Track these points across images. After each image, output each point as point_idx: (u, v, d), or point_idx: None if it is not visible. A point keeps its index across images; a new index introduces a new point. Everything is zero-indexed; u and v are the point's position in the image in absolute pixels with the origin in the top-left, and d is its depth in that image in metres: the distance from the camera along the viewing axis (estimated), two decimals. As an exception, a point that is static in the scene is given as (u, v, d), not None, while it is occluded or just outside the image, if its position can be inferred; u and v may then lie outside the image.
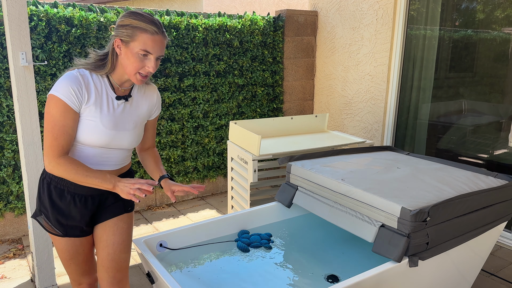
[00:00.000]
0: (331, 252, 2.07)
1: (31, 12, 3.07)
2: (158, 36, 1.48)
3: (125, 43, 1.48)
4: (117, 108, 1.58)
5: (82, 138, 1.53)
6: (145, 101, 1.69)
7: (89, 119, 1.52)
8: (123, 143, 1.61)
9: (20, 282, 2.75)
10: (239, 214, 2.21)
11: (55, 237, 1.67)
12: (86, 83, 1.50)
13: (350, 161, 2.42)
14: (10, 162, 3.20)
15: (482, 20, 3.37)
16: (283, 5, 8.34)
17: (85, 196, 1.61)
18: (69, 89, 1.46)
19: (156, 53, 1.49)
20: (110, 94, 1.56)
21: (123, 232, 1.70)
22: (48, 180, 1.60)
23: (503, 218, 2.14)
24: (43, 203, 1.62)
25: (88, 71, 1.54)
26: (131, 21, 1.47)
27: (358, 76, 4.23)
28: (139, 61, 1.49)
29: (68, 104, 1.46)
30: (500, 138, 3.34)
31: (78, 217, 1.63)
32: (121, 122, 1.58)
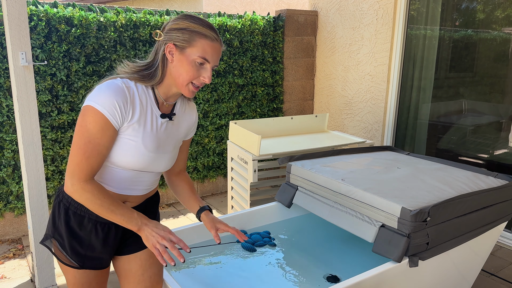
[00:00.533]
0: (331, 252, 2.07)
1: (31, 12, 3.07)
2: (217, 44, 1.32)
3: (180, 49, 1.29)
4: (160, 127, 1.37)
5: (117, 160, 1.32)
6: (184, 120, 1.49)
7: (130, 138, 1.30)
8: (159, 166, 1.41)
9: (20, 282, 2.75)
10: (239, 214, 2.21)
11: (68, 269, 1.43)
12: (132, 97, 1.29)
13: (350, 161, 2.42)
14: (10, 162, 3.20)
15: (482, 20, 3.37)
16: (283, 5, 8.34)
17: (108, 225, 1.40)
18: (113, 102, 1.23)
19: (214, 62, 1.33)
20: (155, 111, 1.36)
21: (159, 263, 1.53)
22: (66, 205, 1.37)
23: (503, 218, 2.14)
24: (57, 230, 1.39)
25: (134, 82, 1.32)
26: (188, 24, 1.29)
27: (358, 76, 4.23)
28: (195, 70, 1.30)
29: (109, 120, 1.23)
30: (500, 138, 3.34)
31: (99, 248, 1.42)
32: (163, 144, 1.38)
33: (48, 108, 3.27)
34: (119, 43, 3.49)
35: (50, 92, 3.27)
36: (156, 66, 1.33)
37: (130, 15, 3.50)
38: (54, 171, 3.41)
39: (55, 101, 3.30)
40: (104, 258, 1.45)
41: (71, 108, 3.39)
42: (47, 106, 3.27)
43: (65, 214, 1.38)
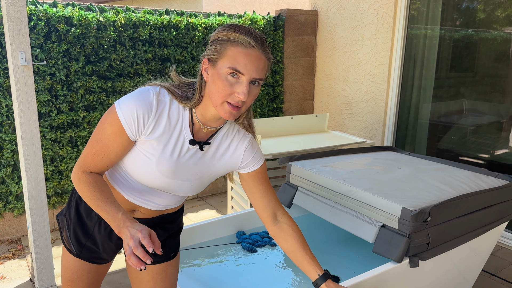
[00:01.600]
0: (331, 252, 2.07)
1: (30, 12, 3.07)
2: (255, 51, 1.09)
3: (213, 63, 1.12)
4: (185, 153, 1.22)
5: (130, 170, 1.23)
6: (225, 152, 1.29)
7: (145, 154, 1.19)
8: (179, 191, 1.28)
9: (20, 283, 2.74)
10: (239, 214, 2.20)
11: (66, 253, 1.40)
12: (159, 111, 1.15)
13: (350, 161, 2.41)
14: (9, 162, 3.19)
15: (483, 19, 3.36)
16: (283, 5, 8.33)
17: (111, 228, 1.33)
18: (133, 111, 1.12)
19: (250, 74, 1.09)
20: (185, 133, 1.20)
21: (172, 278, 1.43)
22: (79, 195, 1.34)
23: (504, 218, 2.13)
24: (70, 210, 1.38)
25: (170, 97, 1.17)
26: (222, 33, 1.12)
27: (359, 75, 4.22)
28: (227, 85, 1.09)
29: (124, 127, 1.14)
30: (501, 138, 3.33)
31: (101, 244, 1.36)
32: (183, 171, 1.23)
33: (47, 108, 3.26)
34: (119, 43, 3.49)
35: (50, 92, 3.27)
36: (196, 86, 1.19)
37: (130, 15, 3.49)
38: (53, 171, 3.41)
39: (54, 101, 3.30)
40: (103, 256, 1.39)
41: (71, 108, 3.39)
42: (47, 106, 3.26)
43: (79, 198, 1.35)
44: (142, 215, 1.35)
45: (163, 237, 1.42)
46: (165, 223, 1.42)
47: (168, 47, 3.74)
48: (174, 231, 1.45)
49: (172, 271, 1.44)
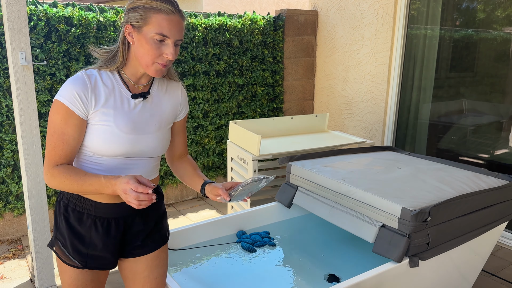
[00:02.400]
0: (331, 252, 2.07)
1: (30, 12, 3.07)
2: (175, 16, 1.25)
3: (137, 29, 1.25)
4: (134, 108, 1.33)
5: (97, 148, 1.30)
6: (168, 99, 1.44)
7: (102, 124, 1.28)
8: (146, 149, 1.37)
9: (20, 283, 2.75)
10: (239, 214, 2.21)
11: (66, 269, 1.39)
12: (93, 84, 1.28)
13: (350, 161, 2.41)
14: (9, 162, 3.19)
15: (483, 19, 3.37)
16: (283, 5, 8.33)
17: (108, 220, 1.37)
18: (73, 92, 1.24)
19: (174, 36, 1.25)
20: (125, 92, 1.33)
21: (165, 262, 1.52)
22: (65, 202, 1.37)
23: (503, 218, 2.13)
24: (59, 229, 1.38)
25: (97, 70, 1.31)
26: (142, 1, 1.24)
27: (359, 75, 4.22)
28: (155, 48, 1.25)
29: (71, 109, 1.24)
30: (501, 138, 3.34)
31: (101, 245, 1.37)
32: (141, 124, 1.34)
33: (47, 108, 3.26)
34: (119, 43, 3.48)
35: (50, 92, 3.27)
36: (117, 50, 1.32)
37: (130, 15, 3.49)
38: (53, 171, 3.41)
39: (54, 101, 3.30)
40: (107, 257, 1.40)
41: (71, 108, 3.38)
42: (47, 106, 3.26)
43: (65, 211, 1.37)
44: None
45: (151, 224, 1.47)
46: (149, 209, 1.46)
47: (168, 47, 3.74)
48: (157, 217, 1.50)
49: (164, 256, 1.51)
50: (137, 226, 1.43)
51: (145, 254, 1.45)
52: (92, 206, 1.35)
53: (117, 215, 1.38)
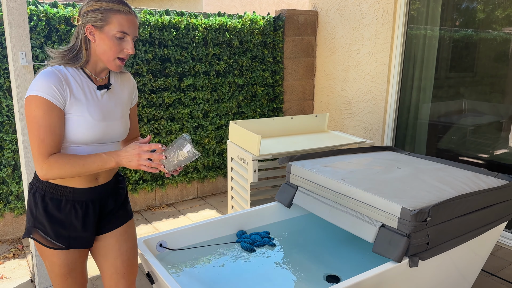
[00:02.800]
0: (331, 252, 2.07)
1: (30, 12, 3.07)
2: (132, 16, 1.44)
3: (99, 28, 1.40)
4: (101, 98, 1.49)
5: (74, 137, 1.43)
6: (124, 88, 1.61)
7: (77, 115, 1.42)
8: (115, 134, 1.53)
9: (20, 282, 2.75)
10: (239, 214, 2.21)
11: (52, 252, 1.50)
12: (64, 77, 1.40)
13: (350, 161, 2.41)
14: (9, 162, 3.20)
15: (483, 20, 3.37)
16: (283, 5, 8.34)
17: (86, 202, 1.51)
18: (50, 86, 1.35)
19: (133, 33, 1.44)
20: (91, 85, 1.47)
21: (133, 237, 1.67)
22: (41, 193, 1.48)
23: (503, 218, 2.14)
24: (37, 219, 1.48)
25: (63, 66, 1.43)
26: (101, 4, 1.40)
27: (358, 76, 4.23)
28: (117, 45, 1.42)
29: (51, 101, 1.35)
30: (501, 138, 3.34)
31: (80, 227, 1.51)
32: (108, 112, 1.50)
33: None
34: (119, 43, 3.49)
35: (50, 92, 3.27)
36: (79, 48, 1.44)
37: (130, 15, 3.49)
38: (54, 171, 3.41)
39: (55, 101, 3.30)
40: (87, 236, 1.53)
41: (71, 108, 3.39)
42: (47, 106, 3.27)
43: (42, 201, 1.47)
44: (103, 180, 1.55)
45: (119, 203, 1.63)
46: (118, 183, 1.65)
47: (169, 47, 3.75)
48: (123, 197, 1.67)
49: (131, 232, 1.67)
50: (109, 206, 1.59)
51: (114, 229, 1.60)
52: (70, 192, 1.48)
53: (94, 197, 1.53)
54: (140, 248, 1.80)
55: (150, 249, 1.86)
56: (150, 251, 1.78)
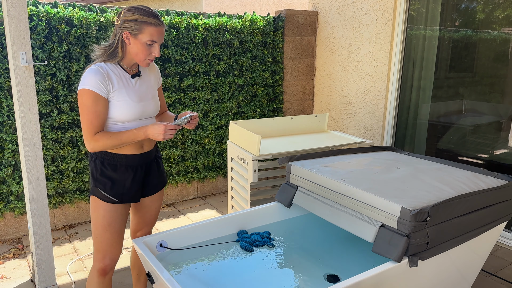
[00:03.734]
0: (331, 252, 2.07)
1: (31, 12, 3.07)
2: (161, 28, 1.78)
3: (134, 35, 1.76)
4: (135, 85, 1.87)
5: (120, 116, 1.82)
6: (150, 74, 1.98)
7: (120, 99, 1.80)
8: (150, 111, 1.92)
9: (20, 282, 2.75)
10: (239, 214, 2.21)
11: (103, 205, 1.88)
12: (106, 73, 1.77)
13: (350, 161, 2.42)
14: (10, 162, 3.20)
15: (482, 20, 3.37)
16: (283, 5, 8.34)
17: (135, 166, 1.92)
18: (96, 81, 1.73)
19: (160, 41, 1.80)
20: (126, 75, 1.86)
21: (161, 198, 2.15)
22: (100, 160, 1.88)
23: (503, 218, 2.14)
24: (98, 180, 1.89)
25: (103, 63, 1.80)
26: (137, 16, 1.74)
27: (358, 76, 4.23)
28: (147, 49, 1.78)
29: (98, 93, 1.74)
30: (500, 138, 3.34)
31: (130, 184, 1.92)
32: (143, 94, 1.89)
33: (48, 108, 3.27)
34: (119, 43, 3.49)
35: (50, 92, 3.28)
36: (116, 47, 1.80)
37: (130, 15, 3.50)
38: (54, 171, 3.42)
39: (55, 101, 3.31)
40: (135, 193, 1.95)
41: (71, 108, 3.39)
42: (47, 106, 3.27)
43: (102, 165, 1.88)
44: (147, 147, 1.96)
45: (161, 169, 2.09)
46: (157, 153, 2.09)
47: (169, 48, 3.75)
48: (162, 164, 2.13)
49: (162, 195, 2.15)
50: (153, 170, 2.03)
51: (156, 193, 2.08)
52: (123, 158, 1.88)
53: (141, 162, 1.94)
54: (140, 248, 1.80)
55: (150, 249, 1.87)
56: (150, 251, 1.78)
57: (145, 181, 2.01)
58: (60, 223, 3.59)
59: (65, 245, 3.28)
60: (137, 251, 1.90)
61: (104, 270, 1.93)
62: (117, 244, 1.94)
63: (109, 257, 1.92)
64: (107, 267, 1.93)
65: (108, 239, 1.91)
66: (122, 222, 1.95)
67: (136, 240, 1.86)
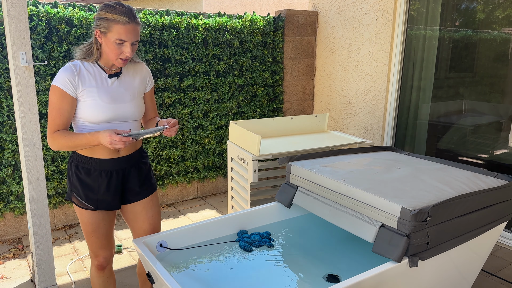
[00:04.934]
0: (331, 252, 2.07)
1: (31, 12, 3.07)
2: (130, 25, 1.68)
3: (103, 34, 1.70)
4: (111, 85, 1.80)
5: (89, 117, 1.76)
6: (136, 76, 1.90)
7: (89, 99, 1.74)
8: (126, 114, 1.82)
9: (20, 282, 2.75)
10: (239, 214, 2.21)
11: (83, 212, 1.87)
12: (78, 71, 1.74)
13: (350, 161, 2.42)
14: (10, 162, 3.20)
15: (482, 20, 3.37)
16: (283, 5, 8.34)
17: (110, 171, 1.85)
18: (64, 78, 1.71)
19: (130, 39, 1.70)
20: (103, 74, 1.79)
21: (157, 205, 2.05)
22: (75, 163, 1.84)
23: (503, 218, 2.14)
24: (73, 184, 1.86)
25: (80, 61, 1.77)
26: (105, 14, 1.68)
27: (358, 76, 4.23)
28: (117, 48, 1.70)
29: (64, 90, 1.71)
30: (500, 138, 3.34)
31: (105, 191, 1.85)
32: (118, 96, 1.80)
33: (48, 108, 3.27)
34: (119, 43, 3.49)
35: (50, 92, 3.28)
36: (92, 46, 1.77)
37: (130, 15, 3.50)
38: (54, 171, 3.42)
39: (55, 101, 3.30)
40: (111, 200, 1.88)
41: (71, 108, 3.39)
42: (47, 106, 3.27)
43: (76, 169, 1.84)
44: (124, 152, 1.87)
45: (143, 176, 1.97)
46: (140, 158, 1.97)
47: (169, 48, 3.75)
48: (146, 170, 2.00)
49: (155, 200, 2.03)
50: (133, 176, 1.92)
51: (143, 199, 1.96)
52: (97, 162, 1.82)
53: (117, 167, 1.86)
54: (140, 248, 1.80)
55: (150, 249, 1.87)
56: (150, 251, 1.78)
57: (125, 187, 1.93)
58: (60, 223, 3.59)
59: (65, 245, 3.28)
60: (137, 251, 1.90)
61: (101, 266, 2.00)
62: (106, 246, 1.97)
63: (102, 257, 1.98)
64: (103, 264, 2.00)
65: (96, 243, 1.93)
66: (107, 227, 1.93)
67: (136, 240, 1.86)
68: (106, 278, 2.05)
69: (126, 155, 1.88)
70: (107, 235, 1.95)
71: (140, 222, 2.00)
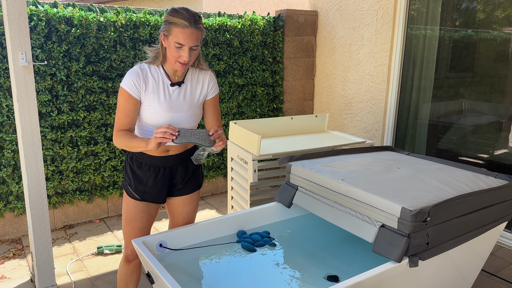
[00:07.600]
0: (331, 252, 2.07)
1: (30, 12, 3.07)
2: (189, 29, 1.71)
3: (166, 37, 1.76)
4: (172, 93, 1.86)
5: (147, 120, 1.87)
6: (198, 85, 1.94)
7: (149, 104, 1.84)
8: (181, 122, 1.90)
9: (20, 282, 2.75)
10: (239, 214, 2.21)
11: (129, 200, 1.98)
12: (144, 75, 1.82)
13: (350, 161, 2.42)
14: (9, 162, 3.20)
15: (483, 20, 3.37)
16: (283, 5, 8.33)
17: (159, 167, 1.96)
18: (130, 81, 1.80)
19: (188, 44, 1.73)
20: (166, 81, 1.86)
21: (195, 202, 2.14)
22: (131, 156, 1.98)
23: (503, 218, 2.14)
24: (127, 174, 1.99)
25: (147, 65, 1.85)
26: (168, 17, 1.74)
27: (358, 76, 4.23)
28: (175, 52, 1.75)
29: (129, 92, 1.80)
30: (501, 138, 3.34)
31: (152, 183, 1.96)
32: (176, 105, 1.87)
33: (48, 108, 3.27)
34: (119, 43, 3.49)
35: (50, 92, 3.27)
36: (158, 50, 1.84)
37: (130, 15, 3.50)
38: (54, 171, 3.41)
39: (55, 101, 3.30)
40: (157, 194, 1.99)
41: (71, 108, 3.39)
42: (47, 106, 3.27)
43: (130, 161, 1.98)
44: (173, 152, 1.97)
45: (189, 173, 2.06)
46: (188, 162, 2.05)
47: (168, 47, 3.74)
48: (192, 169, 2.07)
49: (195, 198, 2.13)
50: (179, 173, 2.02)
51: (184, 195, 2.07)
52: (148, 158, 1.94)
53: (164, 164, 1.97)
54: (140, 248, 1.80)
55: (150, 249, 1.86)
56: (150, 251, 1.78)
57: (171, 183, 2.04)
58: (59, 223, 3.58)
59: (64, 245, 3.27)
60: (137, 251, 1.90)
61: (127, 258, 2.05)
62: None
63: (129, 249, 2.03)
64: (129, 256, 2.05)
65: (129, 232, 2.00)
66: (144, 220, 2.01)
67: (135, 240, 1.86)
68: (130, 272, 2.09)
69: (174, 154, 1.97)
70: (142, 229, 2.01)
71: (176, 215, 2.11)
